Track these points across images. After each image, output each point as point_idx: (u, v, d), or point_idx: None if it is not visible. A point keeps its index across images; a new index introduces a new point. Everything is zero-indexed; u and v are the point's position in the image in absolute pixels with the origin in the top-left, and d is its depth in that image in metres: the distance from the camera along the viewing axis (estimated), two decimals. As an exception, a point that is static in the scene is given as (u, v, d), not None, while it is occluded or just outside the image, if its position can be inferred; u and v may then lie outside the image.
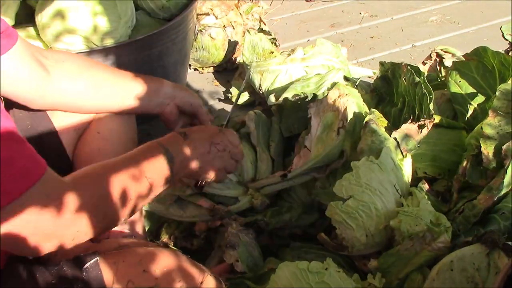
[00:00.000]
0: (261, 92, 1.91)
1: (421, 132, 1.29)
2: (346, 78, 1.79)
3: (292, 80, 1.82)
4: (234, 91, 2.07)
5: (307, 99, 1.51)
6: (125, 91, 1.24)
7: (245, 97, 2.02)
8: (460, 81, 1.53)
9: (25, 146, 0.81)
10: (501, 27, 2.49)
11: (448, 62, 1.79)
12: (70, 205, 0.84)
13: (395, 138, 1.29)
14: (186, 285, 0.96)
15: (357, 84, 1.61)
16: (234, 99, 2.03)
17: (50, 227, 0.83)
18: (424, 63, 1.90)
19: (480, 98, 1.51)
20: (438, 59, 1.85)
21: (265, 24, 2.37)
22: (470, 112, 1.50)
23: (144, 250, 0.98)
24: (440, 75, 1.78)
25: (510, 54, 2.21)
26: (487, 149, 1.29)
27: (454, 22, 2.61)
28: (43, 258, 0.89)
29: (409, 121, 1.33)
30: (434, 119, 1.29)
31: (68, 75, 1.16)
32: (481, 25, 2.56)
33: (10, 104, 1.13)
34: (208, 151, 1.15)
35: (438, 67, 1.84)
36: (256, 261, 1.28)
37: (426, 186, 1.33)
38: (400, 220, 1.16)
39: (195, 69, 2.27)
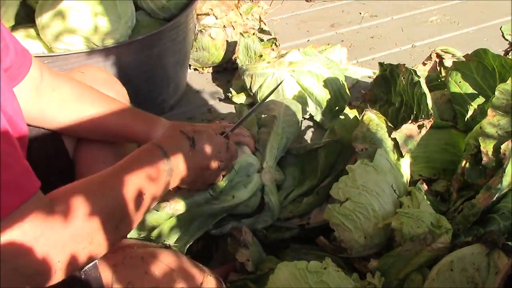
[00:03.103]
0: (252, 95, 1.94)
1: (420, 132, 1.29)
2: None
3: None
4: (234, 91, 2.07)
5: None
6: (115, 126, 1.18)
7: (242, 97, 2.03)
8: (460, 82, 1.54)
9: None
10: (501, 27, 2.49)
11: (448, 62, 1.79)
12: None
13: (395, 139, 1.29)
14: (187, 285, 0.96)
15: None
16: (234, 99, 2.04)
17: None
18: (424, 64, 1.90)
19: (480, 99, 1.51)
20: (438, 60, 1.85)
21: (265, 24, 2.37)
22: (470, 113, 1.50)
23: (144, 251, 0.98)
24: (440, 76, 1.78)
25: (510, 54, 2.21)
26: (487, 148, 1.29)
27: (454, 22, 2.60)
28: None
29: (409, 121, 1.33)
30: (433, 119, 1.29)
31: (57, 104, 1.12)
32: (481, 25, 2.56)
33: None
34: (208, 167, 1.08)
35: (438, 68, 1.84)
36: (262, 262, 1.28)
37: (424, 186, 1.33)
38: (402, 222, 1.16)
39: (195, 69, 2.27)
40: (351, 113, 1.53)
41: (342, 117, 1.53)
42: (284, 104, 1.51)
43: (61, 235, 0.73)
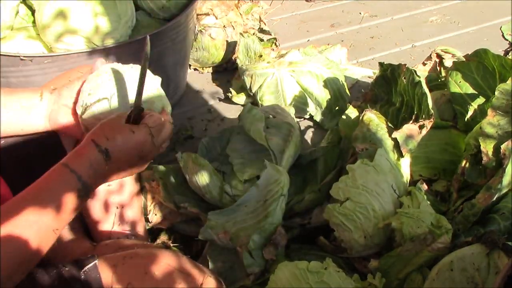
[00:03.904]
0: (251, 95, 1.94)
1: (421, 132, 1.29)
2: None
3: (279, 83, 1.86)
4: (234, 91, 2.07)
5: None
6: None
7: (242, 97, 2.03)
8: (460, 82, 1.54)
9: None
10: (501, 27, 2.49)
11: (448, 62, 1.79)
12: None
13: (395, 139, 1.29)
14: (187, 286, 0.96)
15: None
16: (234, 99, 2.04)
17: None
18: (424, 64, 1.90)
19: (480, 99, 1.51)
20: (438, 60, 1.85)
21: (265, 24, 2.36)
22: (470, 113, 1.50)
23: (145, 252, 0.98)
24: (440, 76, 1.78)
25: (510, 54, 2.21)
26: (487, 148, 1.29)
27: (454, 22, 2.60)
28: (43, 260, 0.88)
29: (411, 121, 1.33)
30: (433, 119, 1.30)
31: None
32: (481, 25, 2.56)
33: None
34: (136, 164, 0.98)
35: (438, 68, 1.84)
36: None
37: (424, 186, 1.33)
38: (402, 222, 1.16)
39: (195, 69, 2.27)
40: (354, 112, 1.53)
41: (344, 116, 1.53)
42: (291, 115, 1.55)
43: None
